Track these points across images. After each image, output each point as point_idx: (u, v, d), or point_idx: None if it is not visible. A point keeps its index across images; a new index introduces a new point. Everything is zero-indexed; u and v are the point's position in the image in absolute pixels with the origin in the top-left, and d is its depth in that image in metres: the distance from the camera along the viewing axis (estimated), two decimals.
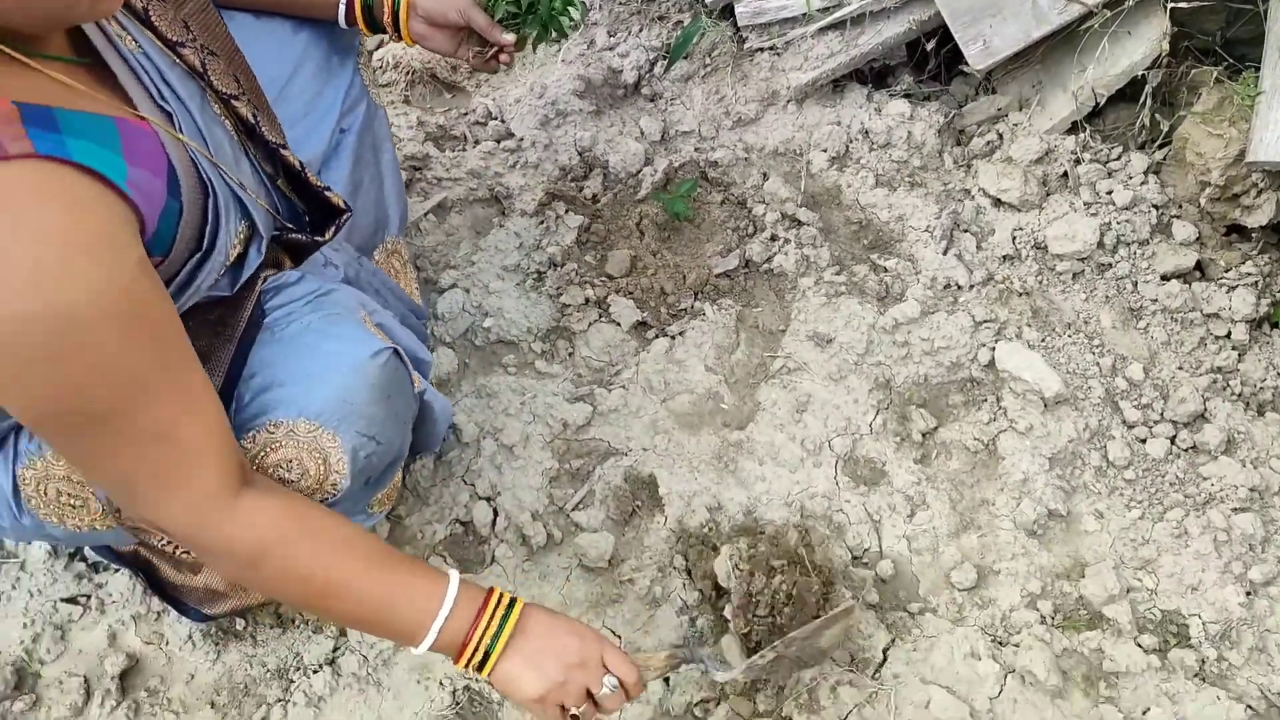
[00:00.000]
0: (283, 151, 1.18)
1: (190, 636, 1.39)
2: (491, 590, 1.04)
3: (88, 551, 1.44)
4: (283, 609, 1.41)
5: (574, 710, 1.02)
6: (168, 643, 1.40)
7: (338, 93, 1.41)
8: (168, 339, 0.89)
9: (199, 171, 0.98)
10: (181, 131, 0.99)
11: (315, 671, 1.36)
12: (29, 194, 0.77)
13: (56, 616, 1.40)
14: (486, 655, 1.01)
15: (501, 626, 1.02)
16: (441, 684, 1.35)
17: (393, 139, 1.50)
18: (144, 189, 0.87)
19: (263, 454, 1.08)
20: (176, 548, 1.29)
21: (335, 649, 1.37)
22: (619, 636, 1.37)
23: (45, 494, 1.15)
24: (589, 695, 1.03)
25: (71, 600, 1.42)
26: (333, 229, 1.22)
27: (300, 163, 1.20)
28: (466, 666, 1.02)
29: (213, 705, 1.36)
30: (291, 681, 1.36)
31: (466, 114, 1.87)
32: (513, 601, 1.04)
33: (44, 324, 0.77)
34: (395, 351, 1.13)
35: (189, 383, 0.91)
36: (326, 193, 1.23)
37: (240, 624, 1.40)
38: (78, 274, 0.78)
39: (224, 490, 0.94)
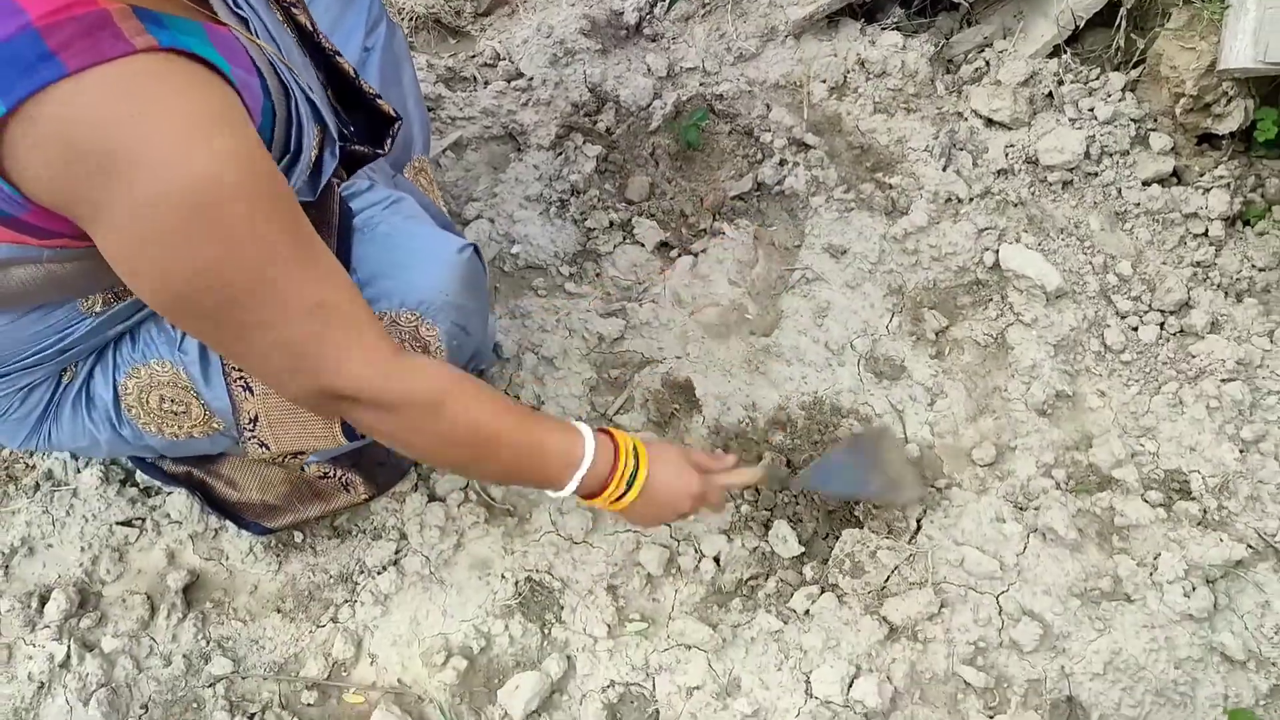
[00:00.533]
0: (338, 59, 1.27)
1: (251, 550, 1.48)
2: (617, 440, 1.17)
3: (139, 476, 1.52)
4: (338, 521, 1.51)
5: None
6: (228, 558, 1.48)
7: (360, 13, 1.51)
8: (296, 213, 0.95)
9: (278, 74, 1.08)
10: (258, 36, 1.09)
11: (380, 573, 1.46)
12: (159, 82, 0.84)
13: (113, 539, 1.48)
14: (622, 497, 1.16)
15: (634, 477, 1.16)
16: (503, 577, 1.46)
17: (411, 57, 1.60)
18: (244, 82, 0.95)
19: None
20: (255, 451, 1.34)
21: (397, 551, 1.48)
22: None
23: (147, 403, 1.23)
24: None
25: (127, 523, 1.50)
26: (389, 140, 1.33)
27: (354, 70, 1.30)
28: (603, 503, 1.16)
29: (279, 611, 1.45)
30: (357, 584, 1.46)
31: (474, 56, 1.99)
32: (637, 452, 1.18)
33: (180, 199, 0.83)
34: (475, 248, 1.25)
35: (325, 255, 0.97)
36: (378, 100, 1.32)
37: (299, 537, 1.50)
38: (207, 148, 0.84)
39: (391, 347, 1.01)
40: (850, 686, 1.37)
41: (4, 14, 0.80)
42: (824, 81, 1.95)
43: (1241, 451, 1.55)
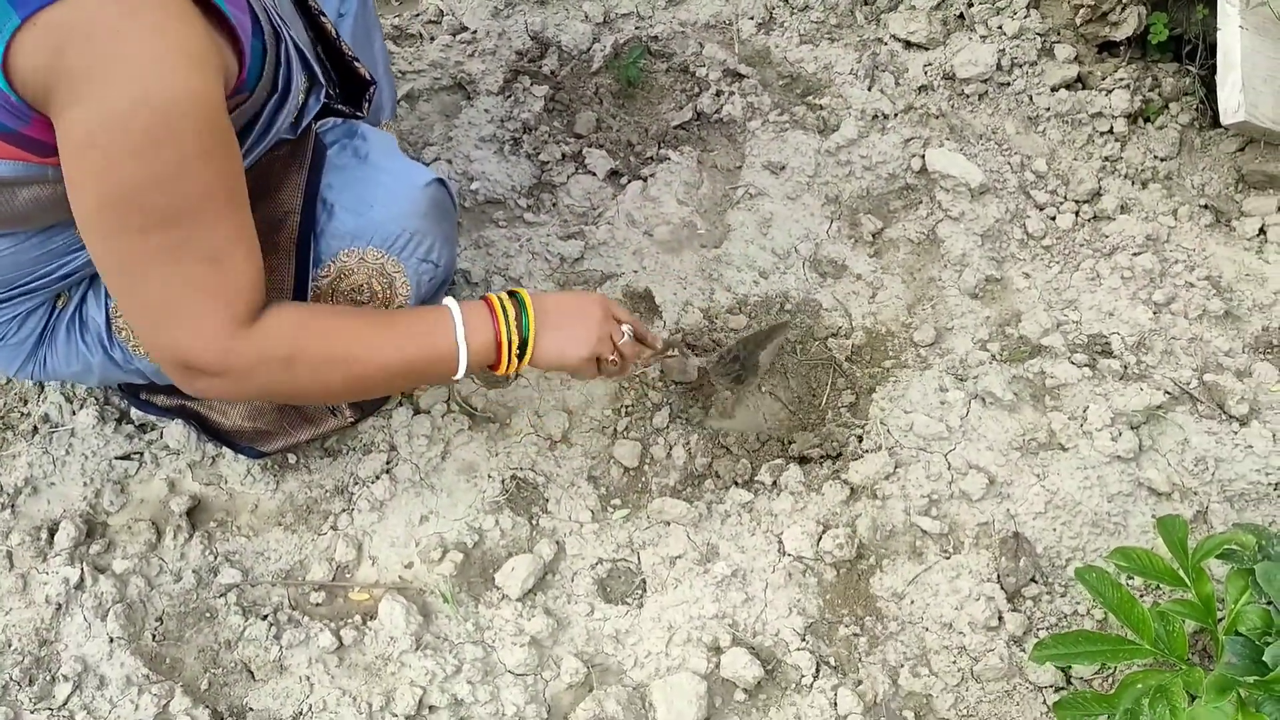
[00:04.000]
0: (321, 19, 1.45)
1: (249, 472, 1.64)
2: (487, 296, 1.28)
3: (134, 413, 1.67)
4: (328, 443, 1.67)
5: (610, 357, 1.32)
6: (226, 481, 1.64)
7: None
8: (235, 172, 1.10)
9: (270, 19, 1.25)
10: None
11: (374, 482, 1.63)
12: (158, 10, 0.98)
13: (114, 473, 1.63)
14: (524, 343, 1.27)
15: (523, 315, 1.26)
16: (490, 477, 1.64)
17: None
18: (238, 20, 1.11)
19: (338, 280, 1.35)
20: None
21: (388, 462, 1.65)
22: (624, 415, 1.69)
23: None
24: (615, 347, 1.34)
25: (125, 457, 1.64)
26: (366, 103, 1.50)
27: (336, 31, 1.47)
28: (510, 361, 1.27)
29: (280, 525, 1.61)
30: (352, 494, 1.63)
31: (419, 15, 2.18)
32: (514, 293, 1.29)
33: (148, 112, 0.98)
34: (440, 179, 1.42)
35: (245, 217, 1.12)
36: (355, 62, 1.49)
37: (292, 459, 1.66)
38: (183, 76, 1.00)
39: (254, 315, 1.14)
40: (819, 542, 1.57)
41: None
42: (751, 19, 2.17)
43: (1155, 313, 1.79)
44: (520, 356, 1.28)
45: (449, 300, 1.27)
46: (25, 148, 1.07)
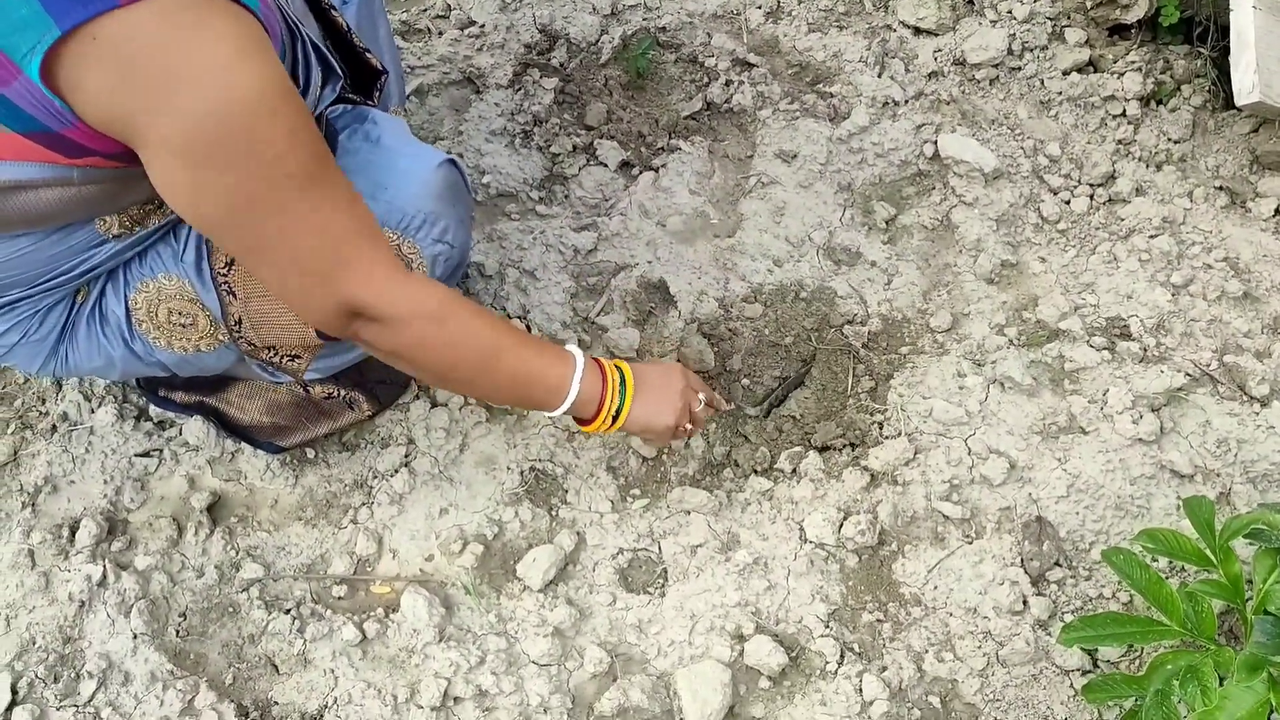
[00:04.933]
0: (332, 13, 1.45)
1: (268, 467, 1.64)
2: (598, 360, 1.37)
3: (153, 410, 1.67)
4: (346, 437, 1.67)
5: (687, 425, 1.42)
6: (246, 477, 1.64)
7: None
8: (320, 135, 1.12)
9: (287, 18, 1.25)
10: None
11: (393, 475, 1.62)
12: (206, 11, 0.98)
13: (133, 471, 1.63)
14: (618, 412, 1.37)
15: (623, 388, 1.37)
16: (508, 469, 1.64)
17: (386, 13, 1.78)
18: (268, 19, 1.11)
19: None
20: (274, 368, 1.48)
21: (407, 455, 1.64)
22: None
23: (156, 316, 1.39)
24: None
25: (145, 455, 1.64)
26: (378, 92, 1.50)
27: (347, 24, 1.47)
28: (606, 422, 1.36)
29: (301, 519, 1.61)
30: (372, 488, 1.63)
31: (426, 9, 2.17)
32: (617, 366, 1.39)
33: (233, 111, 0.99)
34: (452, 160, 1.42)
35: (344, 175, 1.15)
36: (366, 54, 1.50)
37: (310, 453, 1.66)
38: (254, 65, 1.01)
39: (402, 264, 1.19)
40: (840, 528, 1.57)
41: None
42: (759, 7, 2.16)
43: (1173, 295, 1.78)
44: (614, 419, 1.37)
45: (573, 347, 1.36)
46: (57, 149, 1.06)
